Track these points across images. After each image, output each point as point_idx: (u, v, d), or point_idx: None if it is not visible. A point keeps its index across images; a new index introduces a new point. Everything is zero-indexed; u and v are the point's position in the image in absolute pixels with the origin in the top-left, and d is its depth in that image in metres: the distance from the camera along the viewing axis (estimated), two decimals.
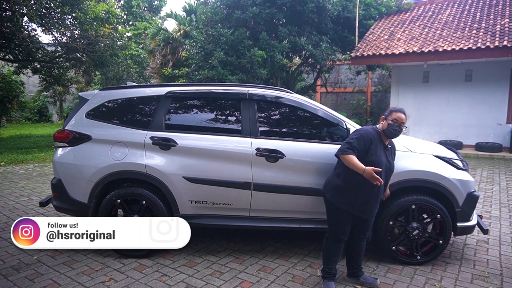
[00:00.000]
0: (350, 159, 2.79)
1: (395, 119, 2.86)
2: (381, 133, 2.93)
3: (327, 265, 3.04)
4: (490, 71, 10.78)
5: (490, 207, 5.43)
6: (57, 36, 12.30)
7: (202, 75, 11.11)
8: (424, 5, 13.45)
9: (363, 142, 2.82)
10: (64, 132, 3.72)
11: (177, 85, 3.85)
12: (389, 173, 3.00)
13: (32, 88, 22.00)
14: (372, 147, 2.83)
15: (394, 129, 2.86)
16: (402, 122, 2.87)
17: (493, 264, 3.56)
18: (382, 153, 2.89)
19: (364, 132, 2.87)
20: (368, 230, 3.12)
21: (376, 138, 2.88)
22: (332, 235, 3.02)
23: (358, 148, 2.81)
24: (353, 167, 2.79)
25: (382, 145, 2.91)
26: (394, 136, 2.92)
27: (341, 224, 2.97)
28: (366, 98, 17.05)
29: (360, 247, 3.13)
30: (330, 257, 3.03)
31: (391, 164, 2.99)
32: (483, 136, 11.01)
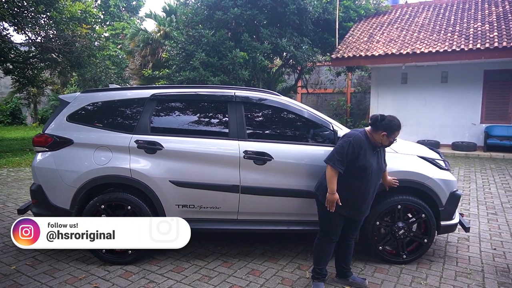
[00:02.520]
0: (333, 175, 2.84)
1: (395, 137, 2.92)
2: (370, 138, 2.93)
3: (317, 265, 3.06)
4: (464, 72, 11.16)
5: (468, 205, 5.60)
6: (31, 35, 11.88)
7: (183, 76, 10.99)
8: (401, 8, 13.79)
9: (353, 150, 2.83)
10: (44, 136, 3.58)
11: (163, 87, 3.78)
12: (380, 173, 3.04)
13: (4, 90, 21.20)
14: (361, 153, 2.85)
15: (391, 143, 2.96)
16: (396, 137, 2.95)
17: (475, 261, 3.67)
18: (372, 157, 2.91)
19: (354, 139, 2.87)
20: (357, 231, 3.17)
21: (365, 143, 2.89)
22: (323, 236, 3.04)
23: (347, 158, 2.83)
24: (329, 182, 2.85)
25: (372, 147, 2.94)
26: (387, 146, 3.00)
27: (333, 225, 2.99)
28: (346, 99, 17.31)
29: (349, 247, 3.17)
30: (321, 257, 3.05)
31: (381, 164, 3.03)
32: (458, 136, 11.38)
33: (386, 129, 2.84)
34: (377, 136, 2.89)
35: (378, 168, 2.96)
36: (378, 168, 2.96)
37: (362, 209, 2.99)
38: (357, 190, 2.90)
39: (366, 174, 2.86)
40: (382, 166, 3.04)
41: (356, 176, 2.88)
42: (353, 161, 2.85)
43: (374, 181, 2.95)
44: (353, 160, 2.85)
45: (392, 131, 2.86)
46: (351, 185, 2.88)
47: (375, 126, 2.88)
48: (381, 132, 2.86)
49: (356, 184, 2.88)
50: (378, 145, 2.95)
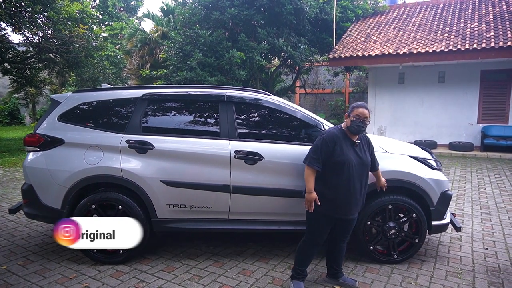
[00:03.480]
0: (310, 174, 2.85)
1: (357, 115, 2.85)
2: (346, 131, 2.93)
3: (299, 266, 3.04)
4: (461, 73, 11.16)
5: (462, 204, 5.61)
6: (29, 36, 11.88)
7: (180, 76, 10.99)
8: (399, 8, 13.80)
9: (326, 146, 2.83)
10: (35, 136, 3.58)
11: (154, 87, 3.78)
12: (364, 168, 2.94)
13: (2, 90, 21.19)
14: (337, 148, 2.83)
15: (357, 125, 2.85)
16: (365, 117, 2.85)
17: (466, 260, 3.67)
18: (350, 151, 2.87)
19: (326, 135, 2.88)
20: (349, 233, 3.12)
21: (340, 138, 2.87)
22: (309, 239, 3.01)
23: (323, 155, 2.84)
24: (307, 181, 2.85)
25: (349, 142, 2.90)
26: (359, 131, 2.89)
27: (320, 229, 2.97)
28: (344, 99, 17.32)
29: (341, 249, 3.15)
30: (303, 259, 3.03)
31: (364, 158, 2.94)
32: (455, 136, 11.39)
33: (348, 111, 2.93)
34: (345, 122, 2.94)
35: (360, 162, 2.88)
36: (360, 162, 2.88)
37: (351, 207, 2.92)
38: (340, 187, 2.85)
39: (346, 169, 2.82)
40: (365, 161, 2.94)
41: (335, 172, 2.84)
42: (330, 157, 2.83)
43: (358, 176, 2.87)
44: (329, 156, 2.83)
45: (352, 109, 2.90)
46: (333, 182, 2.85)
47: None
48: (345, 116, 2.94)
49: (338, 181, 2.84)
50: (354, 138, 2.92)
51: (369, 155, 3.04)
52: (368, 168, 3.00)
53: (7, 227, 4.58)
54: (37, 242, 4.09)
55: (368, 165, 2.98)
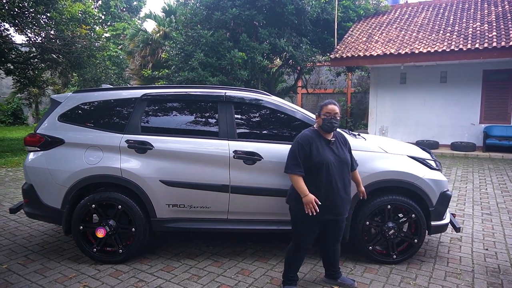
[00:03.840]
0: (297, 180, 2.78)
1: (327, 112, 2.83)
2: (319, 131, 2.91)
3: (289, 272, 3.00)
4: (463, 72, 11.13)
5: (463, 205, 5.59)
6: (31, 36, 11.94)
7: (182, 76, 11.02)
8: (401, 8, 13.77)
9: (303, 149, 2.80)
10: (36, 136, 3.61)
11: (153, 87, 3.80)
12: (344, 166, 2.89)
13: (6, 90, 21.33)
14: (313, 149, 2.80)
15: (329, 122, 2.83)
16: (335, 113, 2.83)
17: (466, 261, 3.67)
18: (327, 150, 2.84)
19: (301, 138, 2.85)
20: (340, 235, 3.06)
21: (314, 138, 2.85)
22: (297, 244, 2.95)
23: (301, 158, 2.80)
24: (297, 189, 2.78)
25: (324, 141, 2.87)
26: (332, 128, 2.86)
27: (306, 234, 2.91)
28: (346, 99, 17.30)
29: (335, 252, 3.11)
30: (293, 264, 2.98)
31: (342, 156, 2.90)
32: (457, 136, 11.35)
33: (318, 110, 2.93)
34: (317, 122, 2.94)
35: (338, 161, 2.84)
36: (338, 161, 2.84)
37: (337, 207, 2.86)
38: (322, 187, 2.80)
39: (325, 169, 2.77)
40: (344, 159, 2.89)
41: (315, 173, 2.80)
42: (308, 160, 2.80)
43: (339, 175, 2.83)
44: (307, 158, 2.80)
45: (321, 108, 2.89)
46: (315, 184, 2.80)
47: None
48: (316, 116, 2.94)
49: (319, 182, 2.79)
50: (328, 136, 2.89)
51: (347, 152, 3.00)
52: (348, 166, 2.95)
53: (9, 226, 4.61)
54: (38, 241, 4.12)
55: (347, 162, 2.94)
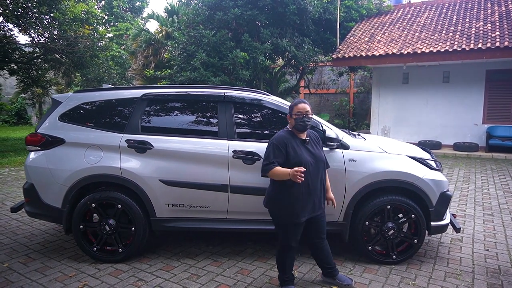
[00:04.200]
0: (274, 171, 2.74)
1: (298, 111, 2.82)
2: (293, 131, 2.90)
3: (284, 274, 2.98)
4: (466, 72, 11.07)
5: (465, 205, 5.57)
6: (35, 36, 12.01)
7: (184, 76, 11.04)
8: (404, 7, 13.72)
9: (278, 150, 2.77)
10: (37, 136, 3.63)
11: (154, 87, 3.81)
12: (320, 164, 2.90)
13: (10, 90, 21.44)
14: (290, 149, 2.79)
15: (302, 121, 2.82)
16: (306, 111, 2.82)
17: (466, 261, 3.65)
18: (303, 150, 2.84)
19: (275, 139, 2.83)
20: (323, 233, 3.05)
21: (289, 138, 2.84)
22: (284, 246, 2.93)
23: (277, 159, 2.76)
24: (281, 177, 2.73)
25: (299, 141, 2.87)
26: (306, 127, 2.85)
27: (291, 235, 2.88)
28: (349, 99, 17.26)
29: (323, 250, 3.08)
30: (285, 266, 2.96)
31: (318, 155, 2.90)
32: (460, 136, 11.30)
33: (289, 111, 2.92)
34: (290, 123, 2.92)
35: (315, 160, 2.85)
36: (315, 160, 2.85)
37: (314, 206, 2.87)
38: (303, 188, 2.78)
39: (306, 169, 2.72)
40: (319, 157, 2.90)
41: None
42: (285, 162, 2.77)
43: (316, 174, 2.84)
44: (284, 160, 2.77)
45: (292, 108, 2.88)
46: (293, 186, 2.75)
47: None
48: (288, 117, 2.93)
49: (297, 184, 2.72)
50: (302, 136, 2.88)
51: (322, 151, 3.00)
52: (324, 164, 2.95)
53: (10, 225, 4.64)
54: (39, 240, 4.15)
55: (323, 160, 2.94)
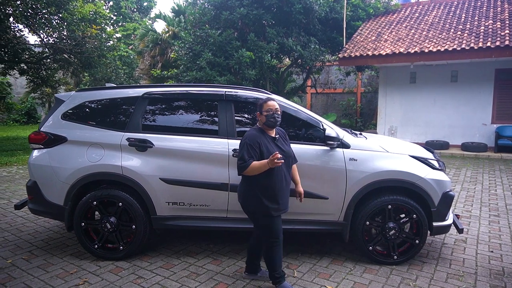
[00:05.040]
0: (252, 167, 2.75)
1: (268, 109, 2.86)
2: (263, 129, 2.93)
3: (274, 271, 2.95)
4: (475, 72, 10.91)
5: (471, 206, 5.49)
6: (44, 37, 12.18)
7: (190, 76, 11.08)
8: (411, 6, 13.57)
9: (252, 148, 2.79)
10: (40, 134, 3.68)
11: (155, 86, 3.83)
12: (289, 160, 2.97)
13: (20, 90, 21.76)
14: (263, 147, 2.82)
15: (272, 117, 2.86)
16: (275, 108, 2.88)
17: (469, 263, 3.60)
18: (273, 147, 2.88)
19: (248, 139, 2.84)
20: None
21: (261, 136, 2.87)
22: (272, 243, 2.92)
23: (251, 158, 2.78)
24: (261, 170, 2.74)
25: (269, 138, 2.91)
26: (276, 123, 2.89)
27: (272, 227, 2.89)
28: (356, 99, 17.14)
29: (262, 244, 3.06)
30: (275, 263, 2.94)
31: (287, 151, 2.97)
32: (468, 136, 11.14)
33: (258, 109, 2.94)
34: (260, 120, 2.94)
35: (285, 156, 2.89)
36: (285, 156, 2.89)
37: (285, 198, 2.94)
38: (275, 184, 2.83)
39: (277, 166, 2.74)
40: (289, 153, 2.97)
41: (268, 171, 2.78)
42: (260, 159, 2.80)
43: (287, 169, 2.92)
44: (259, 158, 2.80)
45: (261, 106, 2.91)
46: (269, 182, 2.81)
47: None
48: (258, 114, 2.95)
49: (272, 179, 2.81)
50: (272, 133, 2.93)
51: (290, 147, 3.05)
52: (292, 160, 3.01)
53: (16, 222, 4.71)
54: (43, 237, 4.20)
55: (291, 156, 3.00)
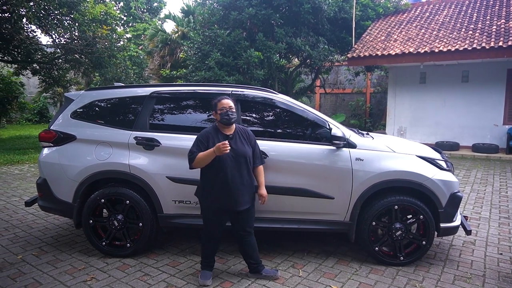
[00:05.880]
0: (199, 158, 2.92)
1: (222, 107, 3.00)
2: (219, 127, 3.08)
3: (204, 258, 3.21)
4: (486, 72, 10.75)
5: (480, 208, 5.41)
6: (56, 37, 12.37)
7: (199, 76, 11.14)
8: (422, 6, 13.43)
9: (201, 142, 2.99)
10: (50, 133, 3.75)
11: (162, 85, 3.87)
12: (241, 159, 3.02)
13: (33, 89, 22.11)
14: (211, 144, 2.98)
15: (226, 115, 2.99)
16: (229, 106, 3.00)
17: (477, 265, 3.55)
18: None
19: (200, 134, 3.05)
20: (249, 227, 3.17)
21: (213, 134, 3.04)
22: (204, 234, 3.18)
23: (197, 150, 2.96)
24: (207, 160, 2.91)
25: (222, 136, 3.03)
26: (230, 120, 3.00)
27: (212, 223, 3.11)
28: (365, 99, 17.03)
29: (250, 243, 3.19)
30: (205, 251, 3.20)
31: (240, 149, 3.03)
32: (479, 137, 10.98)
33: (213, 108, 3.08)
34: (216, 118, 3.08)
35: (234, 154, 2.98)
36: (234, 154, 2.98)
37: (234, 198, 2.99)
38: (216, 178, 2.98)
39: (222, 161, 2.94)
40: (241, 152, 3.02)
41: (213, 163, 2.95)
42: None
43: (236, 167, 2.99)
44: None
45: (215, 105, 3.05)
46: (210, 175, 3.00)
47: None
48: (213, 113, 3.09)
49: (213, 173, 2.98)
50: (227, 131, 3.05)
51: (249, 147, 3.11)
52: (246, 159, 3.05)
53: (26, 219, 4.80)
54: (52, 234, 4.27)
55: (245, 156, 3.05)
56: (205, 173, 3.05)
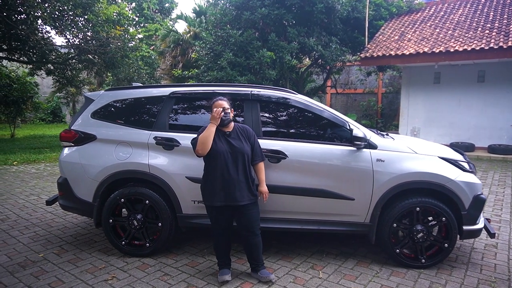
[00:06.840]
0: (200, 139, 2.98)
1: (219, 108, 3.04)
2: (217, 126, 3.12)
3: (217, 258, 3.29)
4: (503, 71, 10.55)
5: (500, 210, 5.31)
6: (70, 38, 12.53)
7: (211, 76, 11.17)
8: (436, 5, 13.25)
9: (202, 130, 3.07)
10: (71, 132, 3.78)
11: (181, 85, 3.88)
12: (238, 155, 3.05)
13: (46, 89, 22.45)
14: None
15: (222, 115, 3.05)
16: (223, 107, 3.04)
17: (501, 269, 3.48)
18: (223, 141, 3.07)
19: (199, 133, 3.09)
20: (253, 227, 3.12)
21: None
22: (212, 233, 3.25)
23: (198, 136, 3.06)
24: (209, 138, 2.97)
25: (221, 133, 3.09)
26: (223, 122, 3.05)
27: (214, 221, 3.17)
28: (377, 99, 16.88)
29: (252, 245, 3.16)
30: (216, 251, 3.27)
31: (238, 146, 3.06)
32: (496, 138, 10.78)
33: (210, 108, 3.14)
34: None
35: (232, 150, 3.04)
36: (232, 150, 3.04)
37: (231, 193, 3.02)
38: (214, 174, 3.04)
39: (218, 158, 3.01)
40: (239, 149, 3.05)
41: (210, 161, 3.06)
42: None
43: (232, 163, 3.03)
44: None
45: (211, 107, 3.12)
46: (208, 171, 3.08)
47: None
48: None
49: (212, 169, 3.05)
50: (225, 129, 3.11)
51: (247, 144, 3.13)
52: (244, 156, 3.07)
53: (45, 218, 4.86)
54: (72, 233, 4.32)
55: (243, 152, 3.07)
56: (205, 171, 3.13)
